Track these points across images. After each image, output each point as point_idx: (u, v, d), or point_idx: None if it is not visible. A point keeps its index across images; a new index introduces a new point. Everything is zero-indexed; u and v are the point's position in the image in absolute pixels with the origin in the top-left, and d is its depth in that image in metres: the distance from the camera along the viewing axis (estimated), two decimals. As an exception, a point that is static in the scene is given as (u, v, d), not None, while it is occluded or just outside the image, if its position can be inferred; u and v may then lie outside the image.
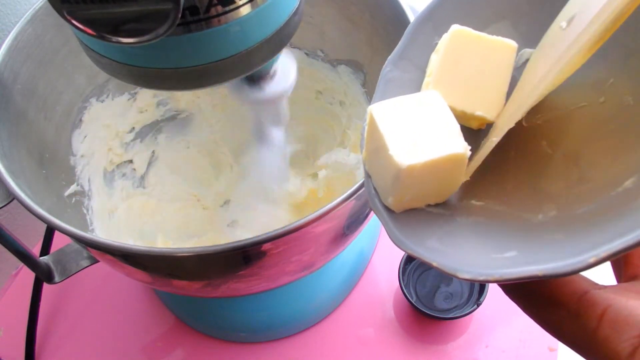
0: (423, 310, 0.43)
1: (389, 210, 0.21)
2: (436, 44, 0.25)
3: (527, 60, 0.24)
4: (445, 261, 0.18)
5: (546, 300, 0.18)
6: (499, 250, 0.18)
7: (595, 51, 0.20)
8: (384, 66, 0.25)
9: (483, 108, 0.22)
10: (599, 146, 0.21)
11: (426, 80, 0.23)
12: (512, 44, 0.22)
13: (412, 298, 0.44)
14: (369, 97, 0.46)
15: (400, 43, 0.25)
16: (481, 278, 0.17)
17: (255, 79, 0.31)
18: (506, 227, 0.20)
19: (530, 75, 0.22)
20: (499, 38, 0.22)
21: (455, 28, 0.23)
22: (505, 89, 0.22)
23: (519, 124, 0.23)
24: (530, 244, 0.18)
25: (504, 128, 0.21)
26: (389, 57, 0.25)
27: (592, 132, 0.21)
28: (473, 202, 0.22)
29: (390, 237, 0.20)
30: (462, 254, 0.19)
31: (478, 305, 0.42)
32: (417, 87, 0.24)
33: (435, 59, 0.23)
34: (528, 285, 0.19)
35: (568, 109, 0.22)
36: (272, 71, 0.30)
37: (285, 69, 0.31)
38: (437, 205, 0.22)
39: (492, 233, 0.20)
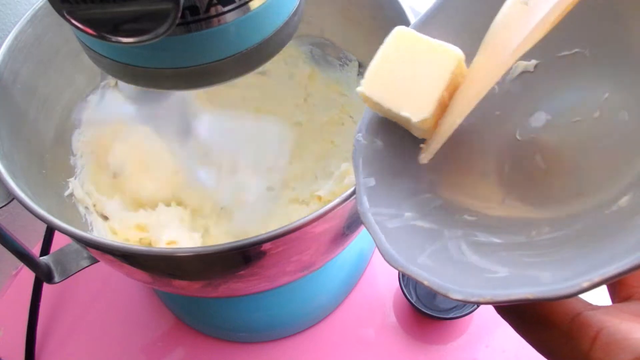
0: (423, 310, 0.43)
1: (381, 226, 0.21)
2: None
3: (522, 72, 0.24)
4: (437, 280, 0.18)
5: (538, 321, 0.18)
6: (491, 270, 0.18)
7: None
8: None
9: (410, 109, 0.22)
10: (593, 162, 0.20)
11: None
12: (457, 51, 0.22)
13: (412, 298, 0.44)
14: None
15: None
16: (473, 299, 0.17)
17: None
18: (498, 245, 0.20)
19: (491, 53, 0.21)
20: (443, 43, 0.22)
21: (398, 29, 0.23)
22: (438, 94, 0.22)
23: (512, 137, 0.23)
24: (523, 263, 0.18)
25: (465, 110, 0.21)
26: None
27: (586, 148, 0.21)
28: (465, 217, 0.22)
29: (381, 254, 0.20)
30: (453, 272, 0.19)
31: (478, 305, 0.42)
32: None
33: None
34: (520, 305, 0.18)
35: (562, 125, 0.22)
36: None
37: None
38: (428, 219, 0.22)
39: (484, 250, 0.20)
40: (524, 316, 0.19)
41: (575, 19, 0.22)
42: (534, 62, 0.24)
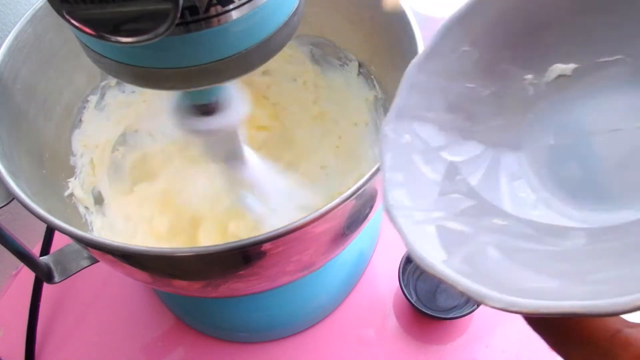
0: (423, 310, 0.43)
1: (408, 225, 0.20)
2: (462, 52, 0.24)
3: (559, 75, 0.23)
4: (472, 285, 0.17)
5: (574, 336, 0.17)
6: (529, 278, 0.17)
7: None
8: (408, 68, 0.24)
9: None
10: (633, 174, 0.20)
11: None
12: None
13: (412, 298, 0.44)
14: (369, 97, 0.46)
15: (427, 46, 0.24)
16: (513, 309, 0.15)
17: (202, 110, 0.30)
18: (534, 252, 0.19)
19: None
20: None
21: None
22: None
23: (546, 142, 0.22)
24: (563, 274, 0.17)
25: None
26: (414, 59, 0.24)
27: (626, 158, 0.20)
28: (496, 221, 0.21)
29: (410, 254, 0.19)
30: (488, 278, 0.18)
31: (478, 305, 0.42)
32: (442, 91, 0.23)
33: None
34: (555, 319, 0.18)
35: (600, 132, 0.21)
36: (218, 103, 0.30)
37: (236, 103, 0.30)
38: (458, 220, 0.21)
39: (520, 257, 0.19)
40: (559, 331, 0.18)
41: (619, 25, 0.21)
42: (572, 65, 0.23)
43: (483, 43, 0.24)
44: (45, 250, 0.46)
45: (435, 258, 0.18)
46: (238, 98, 0.30)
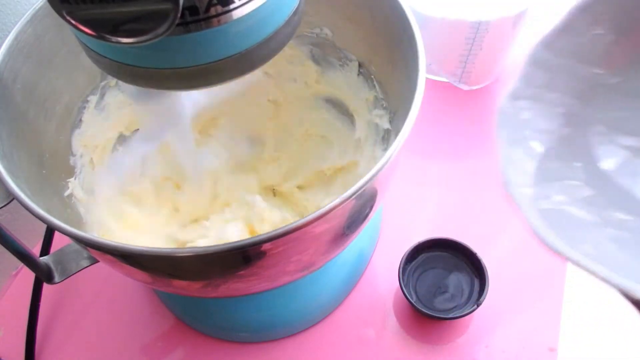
0: (423, 310, 0.43)
1: (530, 204, 0.19)
2: (595, 34, 0.22)
3: None
4: (612, 274, 0.15)
5: None
6: None
7: None
8: (534, 44, 0.23)
9: None
10: None
11: None
12: None
13: (412, 298, 0.44)
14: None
15: (557, 23, 0.22)
16: None
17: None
18: None
19: None
20: None
21: None
22: None
23: None
24: None
25: None
26: (542, 36, 0.23)
27: None
28: (619, 215, 0.20)
29: (536, 234, 0.18)
30: (627, 267, 0.17)
31: (478, 305, 0.42)
32: (567, 73, 0.23)
33: None
34: None
35: None
36: None
37: None
38: (579, 206, 0.20)
39: None
40: None
41: None
42: None
43: (618, 28, 0.22)
44: (45, 250, 0.46)
45: (561, 241, 0.17)
46: None
